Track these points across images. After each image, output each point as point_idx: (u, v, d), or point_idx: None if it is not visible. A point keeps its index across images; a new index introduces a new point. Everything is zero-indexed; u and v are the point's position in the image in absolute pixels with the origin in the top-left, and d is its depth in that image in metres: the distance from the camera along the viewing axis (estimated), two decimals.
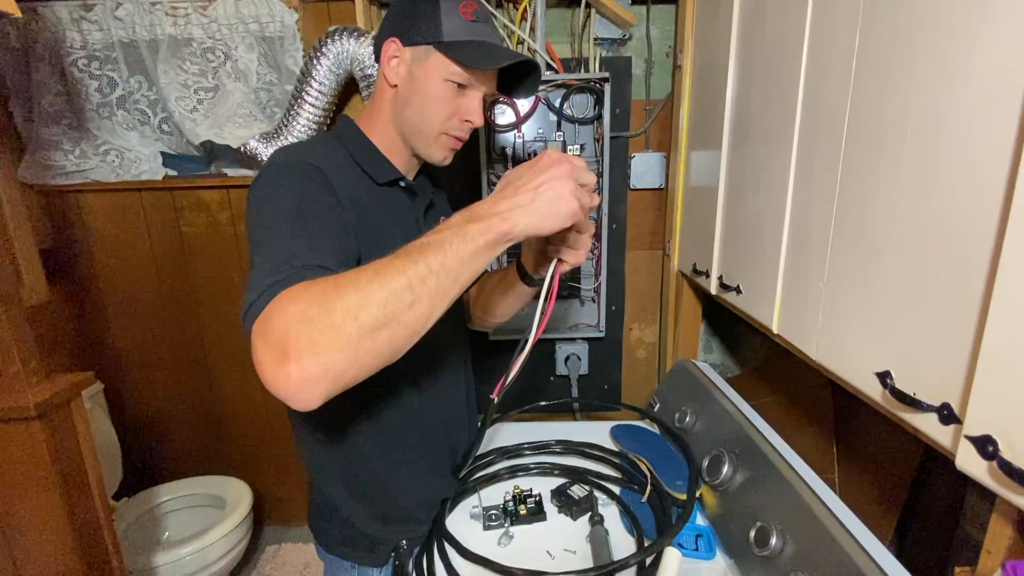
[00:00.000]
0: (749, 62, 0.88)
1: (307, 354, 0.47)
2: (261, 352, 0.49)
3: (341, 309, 0.48)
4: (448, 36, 0.71)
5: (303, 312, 0.48)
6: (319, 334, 0.47)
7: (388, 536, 0.81)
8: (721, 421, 0.94)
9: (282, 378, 0.47)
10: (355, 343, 0.48)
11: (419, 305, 0.52)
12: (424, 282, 0.52)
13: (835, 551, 0.59)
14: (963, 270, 0.45)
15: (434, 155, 0.79)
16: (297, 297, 0.49)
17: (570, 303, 1.50)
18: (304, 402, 0.49)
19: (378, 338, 0.50)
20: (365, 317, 0.49)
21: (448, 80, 0.73)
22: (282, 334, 0.48)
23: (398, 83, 0.75)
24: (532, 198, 0.57)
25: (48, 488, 0.94)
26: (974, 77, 0.43)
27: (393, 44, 0.73)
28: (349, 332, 0.48)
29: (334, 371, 0.48)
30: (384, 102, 0.78)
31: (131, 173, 1.54)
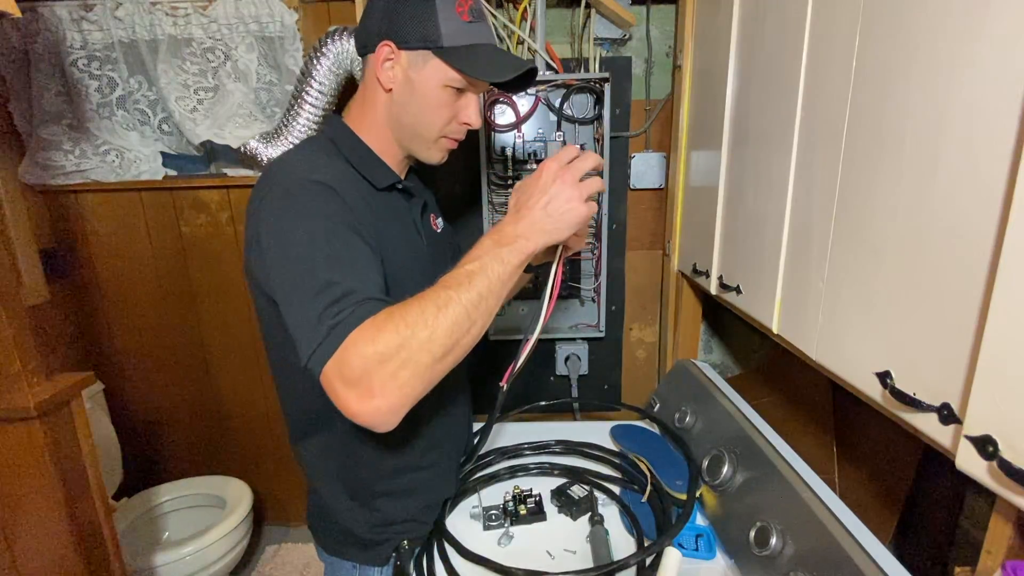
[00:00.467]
0: (749, 62, 0.88)
1: (391, 388, 0.54)
2: (343, 392, 0.54)
3: (416, 345, 0.54)
4: (447, 40, 0.69)
5: (381, 353, 0.53)
6: (401, 370, 0.54)
7: (389, 536, 0.81)
8: (721, 421, 0.94)
9: (369, 412, 0.54)
10: (429, 371, 0.56)
11: (475, 327, 0.60)
12: (477, 307, 0.59)
13: (835, 551, 0.59)
14: (963, 270, 0.45)
15: (432, 157, 0.79)
16: (371, 338, 0.54)
17: (570, 303, 1.50)
18: (388, 426, 0.56)
19: (446, 361, 0.58)
20: (437, 348, 0.56)
21: (447, 86, 0.72)
22: (363, 374, 0.53)
23: (393, 87, 0.73)
24: (543, 216, 0.64)
25: (48, 488, 0.94)
26: (974, 77, 0.43)
27: (387, 47, 0.70)
28: (425, 363, 0.55)
29: (413, 396, 0.56)
30: (377, 104, 0.75)
31: (131, 173, 1.54)
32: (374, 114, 0.76)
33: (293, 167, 0.68)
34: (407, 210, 0.82)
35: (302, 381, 0.75)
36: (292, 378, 0.77)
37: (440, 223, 0.92)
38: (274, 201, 0.64)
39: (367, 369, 0.53)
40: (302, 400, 0.77)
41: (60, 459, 0.95)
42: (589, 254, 1.45)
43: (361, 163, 0.75)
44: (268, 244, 0.62)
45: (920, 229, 0.50)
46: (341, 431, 0.76)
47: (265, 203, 0.64)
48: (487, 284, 0.60)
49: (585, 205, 0.65)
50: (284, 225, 0.62)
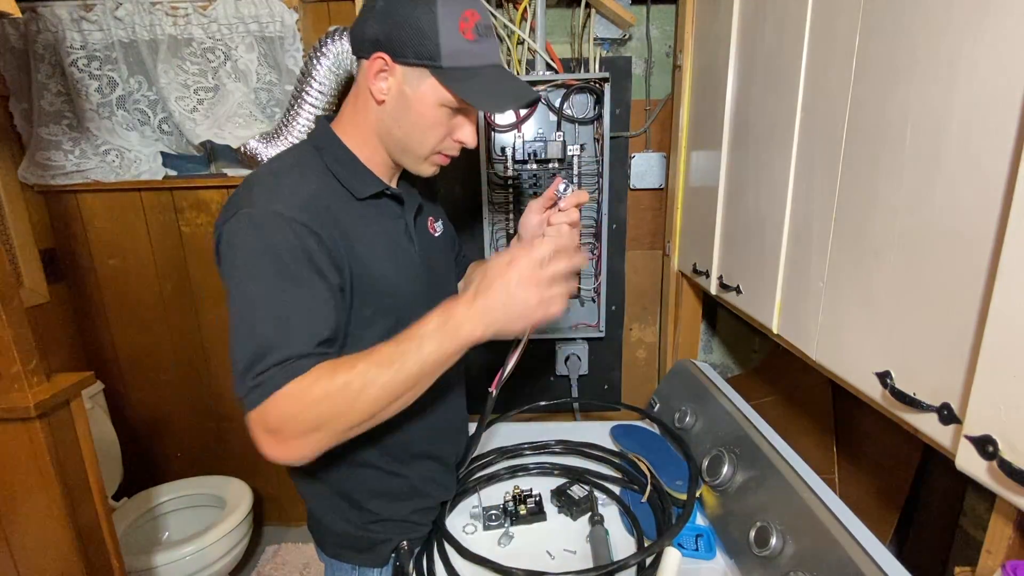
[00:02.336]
0: (749, 62, 0.88)
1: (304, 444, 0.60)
2: (261, 437, 0.60)
3: (334, 415, 0.59)
4: (447, 61, 0.63)
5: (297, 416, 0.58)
6: (315, 432, 0.59)
7: (388, 536, 0.81)
8: (721, 421, 0.94)
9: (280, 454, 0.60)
10: (344, 434, 0.61)
11: (399, 402, 0.62)
12: (404, 385, 0.61)
13: (835, 551, 0.59)
14: (963, 270, 0.45)
15: (423, 171, 0.76)
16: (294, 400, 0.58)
17: (570, 303, 1.50)
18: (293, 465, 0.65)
19: (364, 426, 0.62)
20: (355, 418, 0.60)
21: (444, 105, 0.67)
22: (280, 428, 0.59)
23: (386, 100, 0.68)
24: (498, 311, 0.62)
25: (48, 488, 0.94)
26: (974, 77, 0.43)
27: (380, 60, 0.65)
28: (339, 429, 0.60)
29: (326, 447, 0.61)
30: (368, 114, 0.71)
31: (131, 173, 1.53)
32: (365, 122, 0.72)
33: (258, 195, 0.65)
34: (397, 216, 0.78)
35: None
36: None
37: (439, 226, 0.89)
38: (237, 230, 0.63)
39: (283, 427, 0.58)
40: None
41: (60, 459, 0.95)
42: (589, 254, 1.45)
43: (343, 173, 0.72)
44: (226, 274, 0.64)
45: (920, 229, 0.50)
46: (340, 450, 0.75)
47: (228, 227, 0.63)
48: (419, 367, 0.61)
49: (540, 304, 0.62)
50: (239, 263, 0.62)
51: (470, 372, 0.97)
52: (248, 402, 0.59)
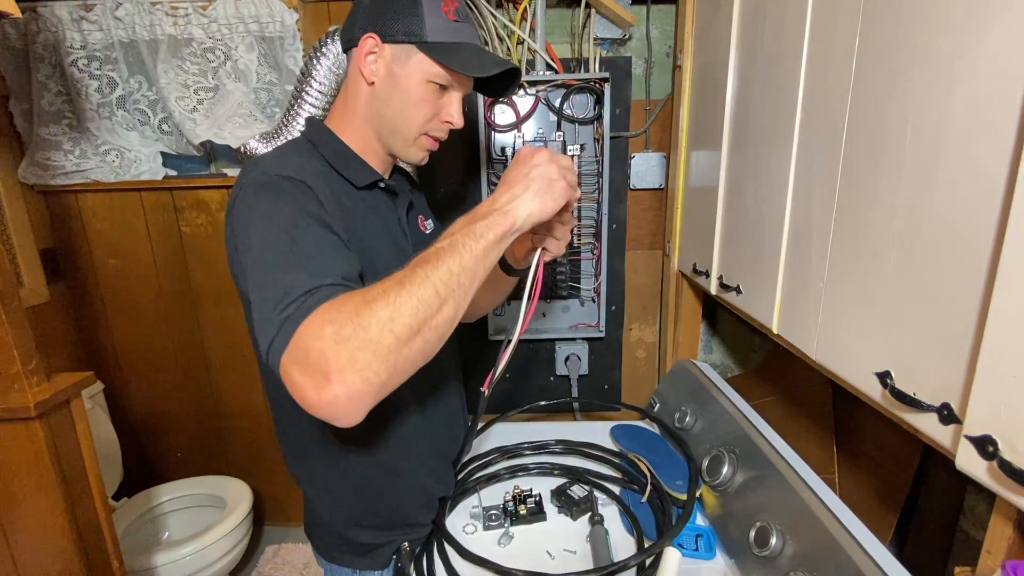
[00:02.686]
0: (749, 62, 0.88)
1: (349, 372, 0.48)
2: (299, 379, 0.50)
3: (376, 323, 0.50)
4: (431, 36, 0.69)
5: (338, 332, 0.49)
6: (359, 351, 0.49)
7: (387, 539, 0.81)
8: (721, 421, 0.94)
9: (328, 400, 0.49)
10: (393, 354, 0.50)
11: (446, 307, 0.55)
12: (448, 285, 0.54)
13: (835, 551, 0.59)
14: (963, 270, 0.45)
15: (412, 156, 0.77)
16: (328, 319, 0.50)
17: (570, 303, 1.50)
18: (351, 419, 0.51)
19: (413, 345, 0.52)
20: (400, 327, 0.51)
21: (431, 81, 0.71)
22: (319, 356, 0.48)
23: (375, 81, 0.72)
24: (525, 187, 0.61)
25: (48, 488, 0.94)
26: (974, 76, 0.43)
27: (371, 40, 0.69)
28: (387, 344, 0.50)
29: (376, 384, 0.50)
30: (359, 100, 0.74)
31: (131, 173, 1.53)
32: (355, 109, 0.75)
33: (265, 165, 0.67)
34: (391, 208, 0.80)
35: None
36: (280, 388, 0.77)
37: (429, 224, 0.90)
38: (245, 200, 0.63)
39: (323, 351, 0.48)
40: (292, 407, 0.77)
41: (60, 459, 0.95)
42: (589, 254, 1.45)
43: (339, 161, 0.74)
44: (240, 247, 0.62)
45: (920, 229, 0.50)
46: (339, 436, 0.76)
47: (236, 204, 0.64)
48: (459, 260, 0.56)
49: (565, 181, 0.63)
50: (251, 225, 0.61)
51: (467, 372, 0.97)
52: (279, 341, 0.51)
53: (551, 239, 0.72)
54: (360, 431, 0.76)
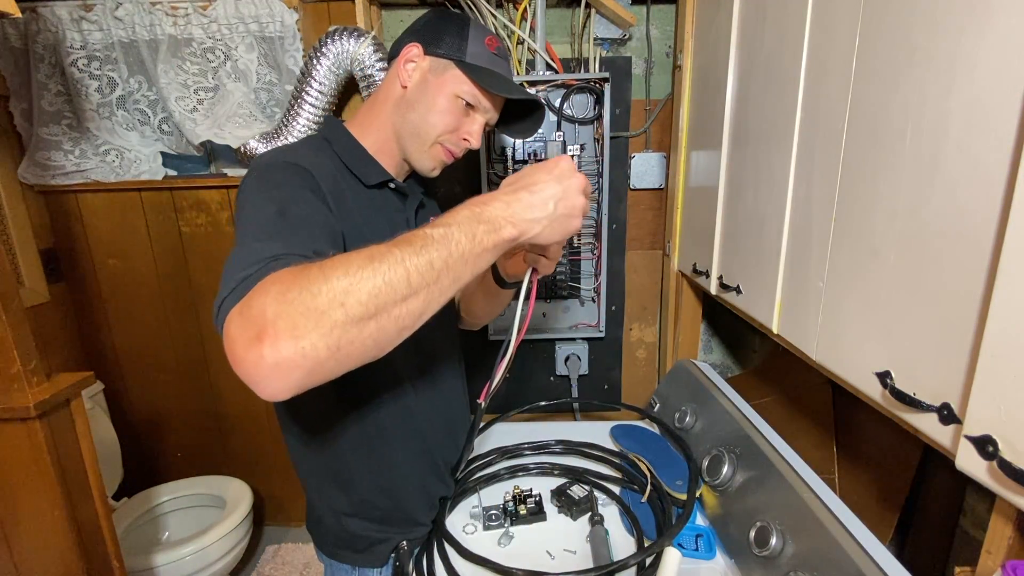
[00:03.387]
0: (749, 62, 0.88)
1: (285, 336, 0.43)
2: (233, 332, 0.45)
3: (327, 293, 0.45)
4: (470, 59, 0.74)
5: (283, 293, 0.44)
6: (300, 316, 0.43)
7: (387, 537, 0.81)
8: (721, 421, 0.94)
9: (253, 360, 0.44)
10: (339, 331, 0.45)
11: (414, 300, 0.48)
12: (424, 277, 0.48)
13: (835, 551, 0.59)
14: (963, 270, 0.45)
15: (424, 163, 0.79)
16: (280, 279, 0.46)
17: (570, 303, 1.50)
18: (274, 389, 0.45)
19: (364, 329, 0.46)
20: (353, 304, 0.45)
21: (459, 96, 0.75)
22: (259, 314, 0.44)
23: (409, 86, 0.76)
24: (548, 210, 0.56)
25: (48, 488, 0.94)
26: (974, 76, 0.43)
27: (414, 48, 0.75)
28: (334, 318, 0.44)
29: (312, 358, 0.44)
30: (388, 101, 0.78)
31: (131, 173, 1.53)
32: (383, 110, 0.78)
33: (276, 152, 0.70)
34: (399, 209, 0.82)
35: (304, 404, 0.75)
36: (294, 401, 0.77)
37: None
38: (249, 180, 0.65)
39: (263, 309, 0.44)
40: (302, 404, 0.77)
41: (60, 459, 0.95)
42: (589, 254, 1.45)
43: (351, 159, 0.76)
44: (236, 215, 0.63)
45: (920, 229, 0.50)
46: (341, 428, 0.76)
47: (241, 185, 0.66)
48: (444, 256, 0.50)
49: (582, 220, 0.61)
50: (247, 201, 0.62)
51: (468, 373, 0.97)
52: (230, 299, 0.48)
53: (544, 260, 0.71)
54: (364, 427, 0.76)
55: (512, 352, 0.69)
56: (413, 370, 0.81)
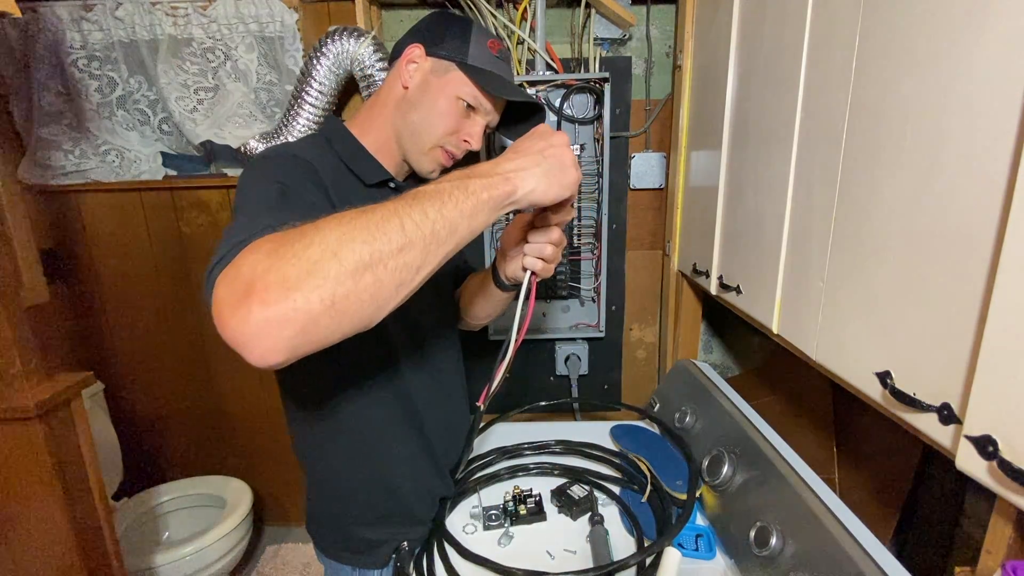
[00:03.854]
0: (749, 62, 0.88)
1: (275, 288, 0.40)
2: (221, 294, 0.42)
3: (320, 242, 0.43)
4: (472, 60, 0.74)
5: (276, 249, 0.42)
6: (291, 267, 0.41)
7: (387, 536, 0.81)
8: (721, 421, 0.94)
9: (240, 318, 0.41)
10: (332, 282, 0.42)
11: (410, 250, 0.46)
12: (419, 227, 0.47)
13: (835, 551, 0.59)
14: (963, 270, 0.45)
15: (424, 165, 0.79)
16: (272, 238, 0.44)
17: (570, 303, 1.50)
18: (264, 350, 0.42)
19: (360, 281, 0.43)
20: (347, 253, 0.43)
21: (460, 98, 0.74)
22: (249, 270, 0.42)
23: (410, 87, 0.75)
24: (537, 162, 0.56)
25: (48, 488, 0.94)
26: (974, 76, 0.43)
27: (416, 49, 0.75)
28: (327, 268, 0.42)
29: (305, 312, 0.41)
30: (389, 101, 0.77)
31: (131, 173, 1.53)
32: (383, 110, 0.78)
33: (275, 148, 0.71)
34: None
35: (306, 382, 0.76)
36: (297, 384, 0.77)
37: None
38: (250, 167, 0.66)
39: (254, 265, 0.42)
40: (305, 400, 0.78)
41: (60, 459, 0.95)
42: (589, 254, 1.45)
43: (351, 158, 0.76)
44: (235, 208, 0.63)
45: (920, 229, 0.50)
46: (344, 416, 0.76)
47: (242, 175, 0.66)
48: (439, 207, 0.48)
49: (578, 172, 0.59)
50: (246, 185, 0.63)
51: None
52: (220, 265, 0.46)
53: (542, 262, 0.71)
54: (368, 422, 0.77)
55: (511, 355, 0.69)
56: (415, 366, 0.81)
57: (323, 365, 0.73)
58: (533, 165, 0.56)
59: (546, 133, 0.60)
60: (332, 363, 0.73)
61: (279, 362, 0.43)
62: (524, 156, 0.57)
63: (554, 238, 0.71)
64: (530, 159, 0.56)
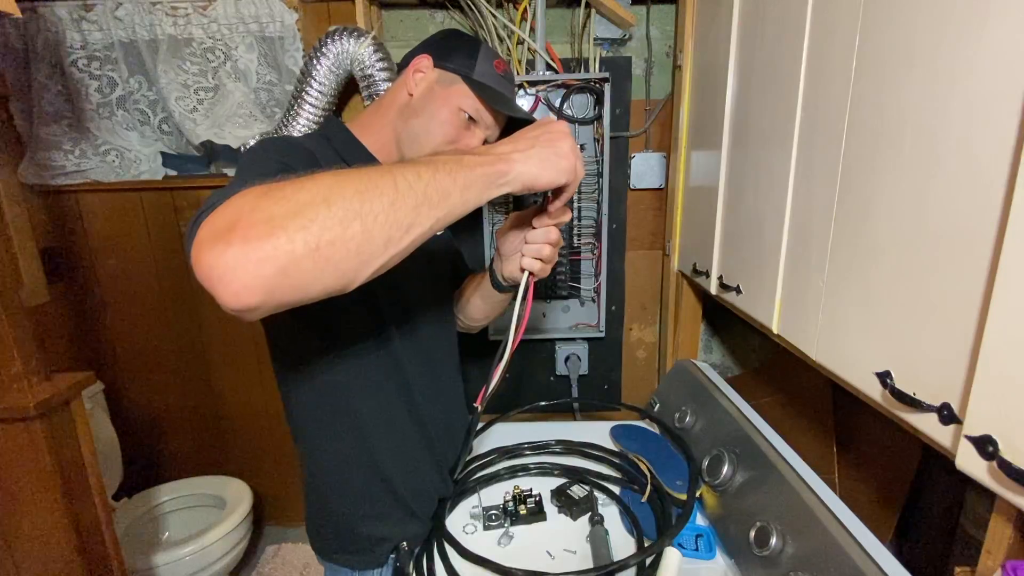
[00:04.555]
0: (749, 62, 0.88)
1: (260, 226, 0.39)
2: (203, 233, 0.41)
3: (311, 188, 0.42)
4: (477, 76, 0.76)
5: (265, 192, 0.42)
6: (278, 207, 0.41)
7: (386, 534, 0.81)
8: (721, 421, 0.94)
9: (218, 252, 0.39)
10: (319, 225, 0.41)
11: (401, 207, 0.46)
12: (411, 186, 0.47)
13: (835, 551, 0.59)
14: (963, 270, 0.45)
15: None
16: (263, 185, 0.44)
17: (570, 303, 1.50)
18: (239, 286, 0.40)
19: (348, 229, 0.43)
20: (338, 200, 0.42)
21: (462, 110, 0.76)
22: (234, 211, 0.41)
23: (415, 94, 0.77)
24: (530, 145, 0.57)
25: (48, 488, 0.94)
26: (974, 76, 0.43)
27: (425, 60, 0.77)
28: (315, 212, 0.41)
29: (287, 253, 0.40)
30: (393, 106, 0.79)
31: (131, 173, 1.53)
32: (387, 114, 0.79)
33: (276, 137, 0.74)
34: None
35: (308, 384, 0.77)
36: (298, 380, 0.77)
37: None
38: (247, 152, 0.66)
39: (240, 207, 0.41)
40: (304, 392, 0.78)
41: (60, 459, 0.95)
42: (589, 254, 1.45)
43: (350, 155, 0.77)
44: None
45: (920, 229, 0.50)
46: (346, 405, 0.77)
47: (242, 155, 0.68)
48: (432, 172, 0.49)
49: (574, 159, 0.59)
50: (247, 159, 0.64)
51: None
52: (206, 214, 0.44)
53: (540, 262, 0.72)
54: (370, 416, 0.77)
55: (509, 356, 0.69)
56: (415, 359, 0.82)
57: (324, 355, 0.73)
58: (527, 147, 0.57)
59: (545, 122, 0.62)
60: (333, 354, 0.74)
61: (253, 304, 0.41)
62: (520, 140, 0.58)
63: (552, 239, 0.71)
64: (525, 143, 0.58)
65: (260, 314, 0.43)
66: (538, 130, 0.60)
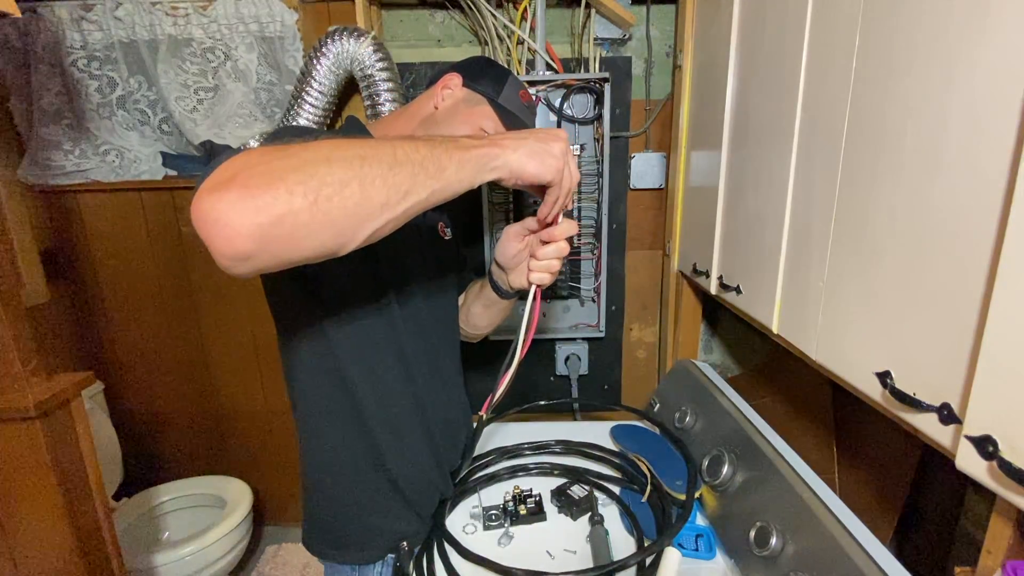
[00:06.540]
0: (749, 62, 0.88)
1: (260, 176, 0.41)
2: (205, 187, 0.42)
3: (314, 148, 0.45)
4: (503, 101, 0.81)
5: (268, 149, 0.44)
6: (280, 161, 0.43)
7: (385, 527, 0.81)
8: (721, 421, 0.94)
9: (216, 197, 0.40)
10: (318, 181, 0.43)
11: (399, 172, 0.48)
12: (409, 155, 0.49)
13: (835, 551, 0.59)
14: (963, 269, 0.45)
15: None
16: (266, 146, 0.46)
17: (570, 303, 1.50)
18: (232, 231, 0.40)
19: (347, 187, 0.44)
20: (339, 159, 0.45)
21: (483, 129, 0.79)
22: (237, 165, 0.43)
23: (440, 108, 0.81)
24: (525, 137, 0.60)
25: (48, 488, 0.94)
26: (974, 76, 0.43)
27: (455, 79, 0.81)
28: (315, 168, 0.43)
29: (285, 204, 0.41)
30: (417, 115, 0.82)
31: (131, 173, 1.53)
32: (410, 121, 0.82)
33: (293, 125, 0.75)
34: None
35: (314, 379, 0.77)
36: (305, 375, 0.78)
37: (448, 232, 0.95)
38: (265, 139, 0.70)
39: (245, 163, 0.43)
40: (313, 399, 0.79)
41: (60, 459, 0.95)
42: (589, 254, 1.45)
43: None
44: None
45: (920, 229, 0.50)
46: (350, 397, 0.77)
47: None
48: (429, 147, 0.51)
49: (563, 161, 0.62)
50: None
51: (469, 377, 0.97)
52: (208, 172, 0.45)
53: (546, 274, 0.76)
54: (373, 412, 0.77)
55: (516, 366, 0.71)
56: (420, 358, 0.82)
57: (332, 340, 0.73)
58: (520, 139, 0.60)
59: (541, 128, 0.67)
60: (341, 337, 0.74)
61: (245, 252, 0.41)
62: (518, 133, 0.63)
63: (564, 253, 0.76)
64: (521, 135, 0.62)
65: (251, 267, 0.44)
66: (539, 131, 0.63)
